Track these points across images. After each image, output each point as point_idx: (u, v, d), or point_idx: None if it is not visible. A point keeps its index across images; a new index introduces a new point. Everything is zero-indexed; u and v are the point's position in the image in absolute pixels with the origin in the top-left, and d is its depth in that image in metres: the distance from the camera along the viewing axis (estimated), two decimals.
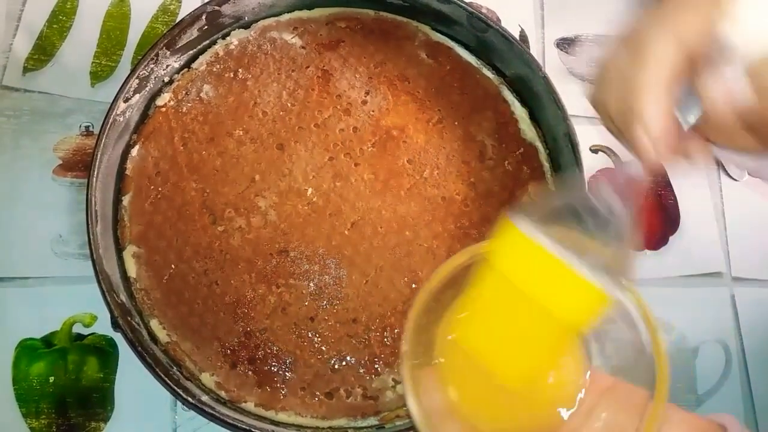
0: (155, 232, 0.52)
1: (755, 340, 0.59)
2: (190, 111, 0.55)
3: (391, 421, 0.49)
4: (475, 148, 0.56)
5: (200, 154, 0.54)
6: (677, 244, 0.61)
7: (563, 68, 0.66)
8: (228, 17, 0.57)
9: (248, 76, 0.56)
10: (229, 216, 0.53)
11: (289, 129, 0.55)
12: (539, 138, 0.57)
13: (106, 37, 0.63)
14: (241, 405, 0.49)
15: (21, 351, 0.53)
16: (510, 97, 0.58)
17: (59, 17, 0.63)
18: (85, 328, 0.54)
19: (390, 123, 0.56)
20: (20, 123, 0.60)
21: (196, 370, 0.49)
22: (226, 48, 0.57)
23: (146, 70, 0.53)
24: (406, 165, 0.55)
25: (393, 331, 0.51)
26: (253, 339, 0.50)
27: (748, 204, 0.63)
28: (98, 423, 0.52)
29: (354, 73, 0.57)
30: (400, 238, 0.53)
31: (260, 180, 0.54)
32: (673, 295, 0.60)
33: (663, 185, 0.63)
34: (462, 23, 0.57)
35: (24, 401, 0.52)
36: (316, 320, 0.51)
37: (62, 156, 0.59)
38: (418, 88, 0.57)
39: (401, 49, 0.58)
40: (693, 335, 0.59)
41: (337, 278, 0.52)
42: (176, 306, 0.51)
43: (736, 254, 0.62)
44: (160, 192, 0.53)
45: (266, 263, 0.52)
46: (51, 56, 0.62)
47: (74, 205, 0.57)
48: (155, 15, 0.65)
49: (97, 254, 0.49)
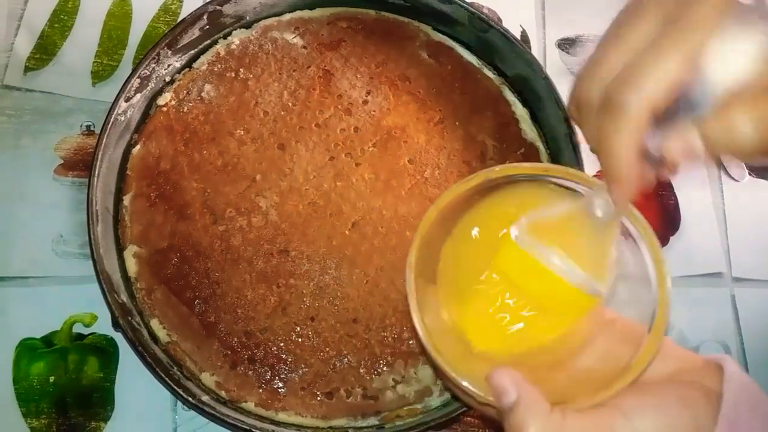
0: (156, 232, 0.52)
1: (755, 340, 0.59)
2: (191, 110, 0.55)
3: (391, 421, 0.49)
4: (476, 149, 0.56)
5: (201, 154, 0.54)
6: (677, 244, 0.61)
7: (564, 68, 0.66)
8: (229, 17, 0.57)
9: (249, 75, 0.56)
10: (230, 216, 0.53)
11: (290, 129, 0.55)
12: (540, 138, 0.57)
13: (108, 36, 0.63)
14: (242, 405, 0.49)
15: (21, 351, 0.53)
16: (511, 98, 0.58)
17: (61, 17, 0.64)
18: (85, 327, 0.54)
19: (391, 123, 0.56)
20: (21, 122, 0.60)
21: (197, 370, 0.49)
22: (227, 48, 0.57)
23: (147, 69, 0.53)
24: (407, 165, 0.55)
25: (393, 331, 0.51)
26: (253, 339, 0.50)
27: (748, 204, 0.63)
28: (98, 423, 0.52)
29: (355, 73, 0.57)
30: (401, 238, 0.53)
31: (261, 180, 0.54)
32: (673, 295, 0.60)
33: (663, 185, 0.63)
34: (463, 23, 0.57)
35: (24, 401, 0.52)
36: (316, 320, 0.51)
37: (63, 155, 0.59)
38: (419, 88, 0.57)
39: (402, 49, 0.58)
40: (693, 335, 0.59)
41: (337, 278, 0.52)
42: (177, 306, 0.51)
43: (737, 254, 0.62)
44: (161, 192, 0.53)
45: (267, 263, 0.52)
46: (52, 56, 0.62)
47: (75, 205, 0.57)
48: (157, 14, 0.65)
49: (98, 254, 0.49)
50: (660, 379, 0.34)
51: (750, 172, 0.64)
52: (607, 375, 0.33)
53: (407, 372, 0.50)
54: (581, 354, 0.36)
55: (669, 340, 0.35)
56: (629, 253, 0.36)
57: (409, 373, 0.50)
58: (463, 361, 0.36)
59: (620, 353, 0.34)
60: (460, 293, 0.38)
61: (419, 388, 0.50)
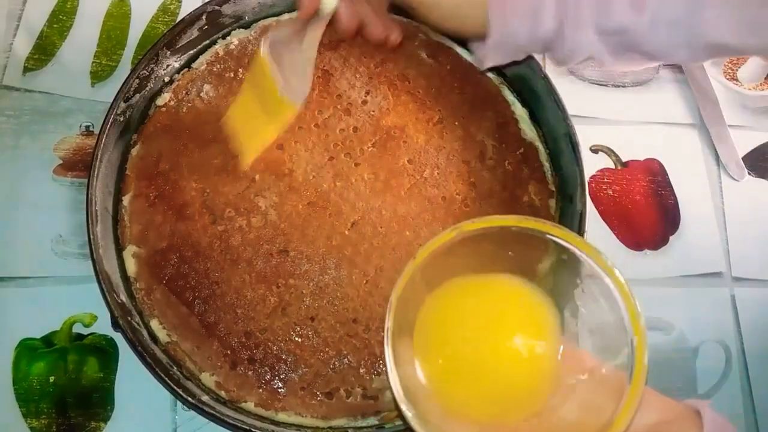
0: (155, 232, 0.52)
1: (755, 340, 0.59)
2: (190, 111, 0.55)
3: (391, 421, 0.49)
4: (476, 148, 0.56)
5: (200, 154, 0.54)
6: (677, 244, 0.61)
7: (563, 68, 0.66)
8: (228, 17, 0.57)
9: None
10: (229, 216, 0.53)
11: (289, 129, 0.55)
12: (539, 138, 0.57)
13: (107, 37, 0.63)
14: (241, 405, 0.49)
15: (21, 351, 0.53)
16: (510, 97, 0.58)
17: (59, 17, 0.63)
18: (85, 328, 0.54)
19: (390, 123, 0.56)
20: (20, 123, 0.60)
21: (196, 370, 0.49)
22: (226, 48, 0.57)
23: (146, 69, 0.53)
24: (406, 165, 0.55)
25: None
26: (253, 339, 0.50)
27: (748, 204, 0.63)
28: (98, 423, 0.52)
29: (354, 73, 0.57)
30: (400, 238, 0.53)
31: (260, 180, 0.54)
32: (673, 295, 0.60)
33: (663, 185, 0.63)
34: None
35: (24, 401, 0.52)
36: (316, 320, 0.51)
37: (62, 156, 0.59)
38: (418, 88, 0.57)
39: (401, 48, 0.58)
40: (693, 335, 0.59)
41: (337, 278, 0.52)
42: (176, 306, 0.51)
43: (736, 254, 0.62)
44: (160, 192, 0.53)
45: (266, 263, 0.52)
46: (51, 56, 0.62)
47: (74, 205, 0.57)
48: (155, 15, 0.65)
49: (97, 254, 0.49)
50: (642, 430, 0.34)
51: (750, 172, 0.64)
52: (590, 429, 0.34)
53: None
54: (564, 404, 0.36)
55: (649, 390, 0.36)
56: (604, 301, 0.36)
57: None
58: (439, 422, 0.36)
59: (602, 403, 0.34)
60: (434, 356, 0.38)
61: None
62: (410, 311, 0.38)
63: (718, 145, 0.65)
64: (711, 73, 0.67)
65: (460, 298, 0.39)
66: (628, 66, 0.52)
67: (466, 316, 0.39)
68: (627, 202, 0.62)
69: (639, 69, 0.66)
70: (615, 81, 0.67)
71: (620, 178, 0.63)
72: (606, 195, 0.62)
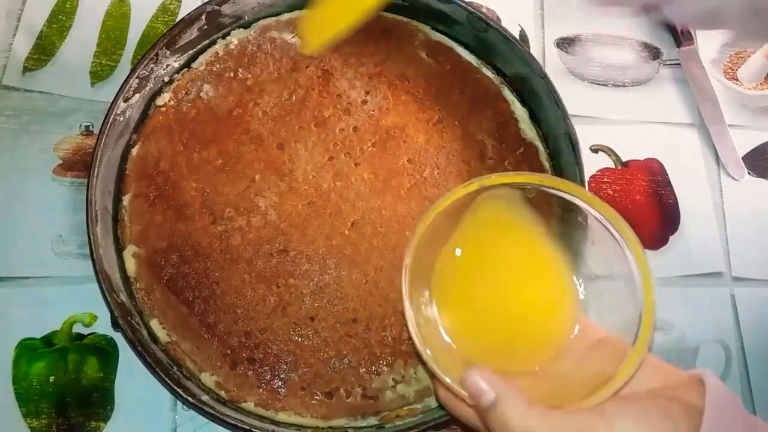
0: (155, 232, 0.52)
1: (755, 340, 0.59)
2: (190, 111, 0.55)
3: (391, 421, 0.49)
4: (475, 148, 0.56)
5: (200, 154, 0.54)
6: (677, 244, 0.61)
7: (563, 68, 0.66)
8: (228, 17, 0.57)
9: (248, 75, 0.56)
10: (229, 216, 0.53)
11: (289, 129, 0.55)
12: (539, 138, 0.57)
13: (106, 36, 0.63)
14: (241, 405, 0.49)
15: (21, 351, 0.53)
16: (510, 97, 0.58)
17: (59, 17, 0.63)
18: (85, 327, 0.54)
19: (390, 123, 0.56)
20: (20, 123, 0.60)
21: (196, 370, 0.49)
22: (225, 48, 0.57)
23: (146, 69, 0.53)
24: (406, 165, 0.55)
25: (393, 330, 0.51)
26: (253, 339, 0.50)
27: (748, 204, 0.63)
28: (98, 423, 0.52)
29: (354, 73, 0.57)
30: (400, 237, 0.53)
31: (260, 180, 0.54)
32: (673, 295, 0.60)
33: (663, 185, 0.63)
34: (462, 23, 0.57)
35: (24, 401, 0.52)
36: (316, 320, 0.51)
37: (62, 156, 0.59)
38: (418, 87, 0.57)
39: (401, 48, 0.58)
40: (693, 335, 0.59)
41: (337, 278, 0.52)
42: (176, 306, 0.51)
43: (736, 254, 0.62)
44: (160, 192, 0.53)
45: (266, 263, 0.52)
46: (51, 56, 0.62)
47: (74, 205, 0.57)
48: (155, 15, 0.64)
49: (97, 254, 0.49)
50: (644, 393, 0.35)
51: (749, 172, 0.64)
52: (591, 385, 0.34)
53: (407, 372, 0.50)
54: (570, 367, 0.37)
55: (653, 357, 0.36)
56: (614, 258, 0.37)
57: (409, 373, 0.50)
58: (452, 363, 0.37)
59: (607, 367, 0.35)
60: (451, 301, 0.39)
61: (419, 388, 0.50)
62: (428, 258, 0.39)
63: (718, 144, 0.65)
64: (711, 72, 0.67)
65: (483, 249, 0.40)
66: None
67: (493, 266, 0.40)
68: (627, 202, 0.62)
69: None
70: (615, 81, 0.67)
71: (620, 177, 0.63)
72: (606, 195, 0.62)
